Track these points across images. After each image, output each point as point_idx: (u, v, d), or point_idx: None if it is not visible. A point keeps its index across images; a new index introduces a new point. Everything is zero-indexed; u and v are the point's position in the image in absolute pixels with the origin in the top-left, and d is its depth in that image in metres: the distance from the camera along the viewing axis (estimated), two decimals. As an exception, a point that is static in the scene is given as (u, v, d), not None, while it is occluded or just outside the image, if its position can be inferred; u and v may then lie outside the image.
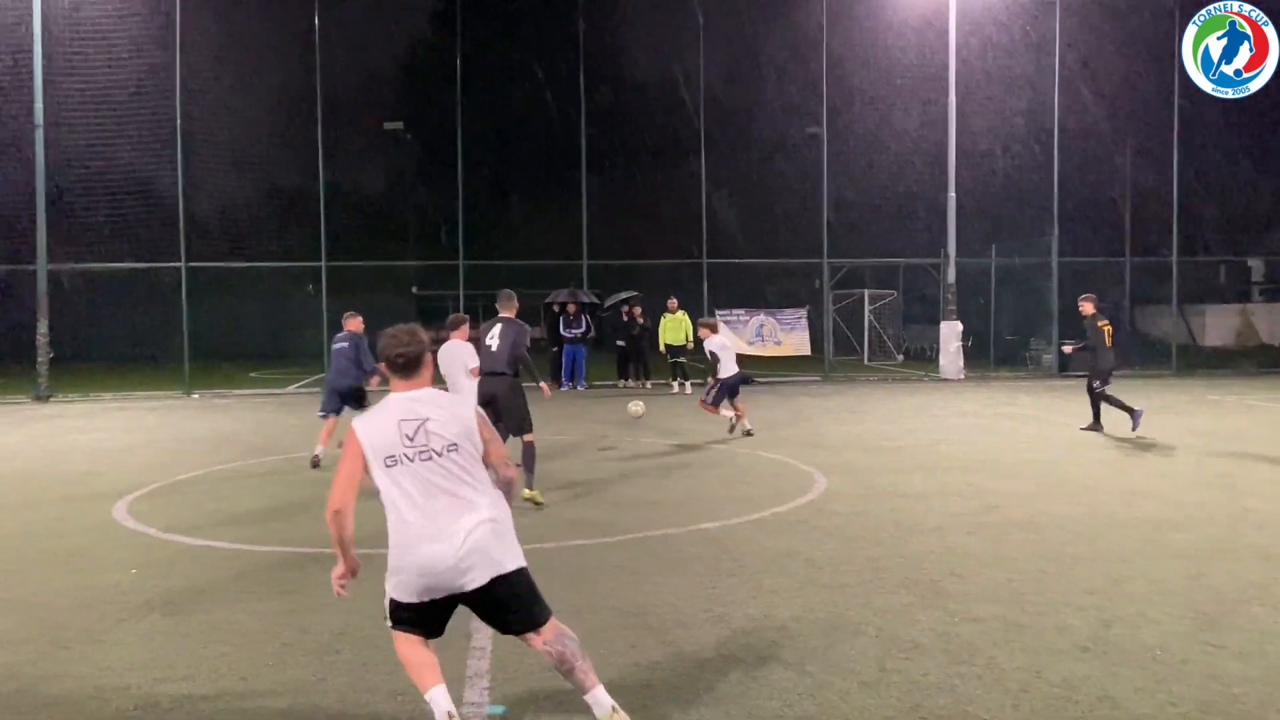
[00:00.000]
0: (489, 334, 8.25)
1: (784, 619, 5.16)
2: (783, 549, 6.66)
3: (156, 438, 13.32)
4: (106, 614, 5.42)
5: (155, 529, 7.57)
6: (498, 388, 8.11)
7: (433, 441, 3.67)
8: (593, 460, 10.88)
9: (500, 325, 8.27)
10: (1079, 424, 12.92)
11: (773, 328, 23.42)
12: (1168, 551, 6.57)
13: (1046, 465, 10.26)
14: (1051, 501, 8.29)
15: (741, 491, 8.86)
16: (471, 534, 3.63)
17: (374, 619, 5.21)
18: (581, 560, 6.44)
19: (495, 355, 8.15)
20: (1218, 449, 11.35)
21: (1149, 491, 8.70)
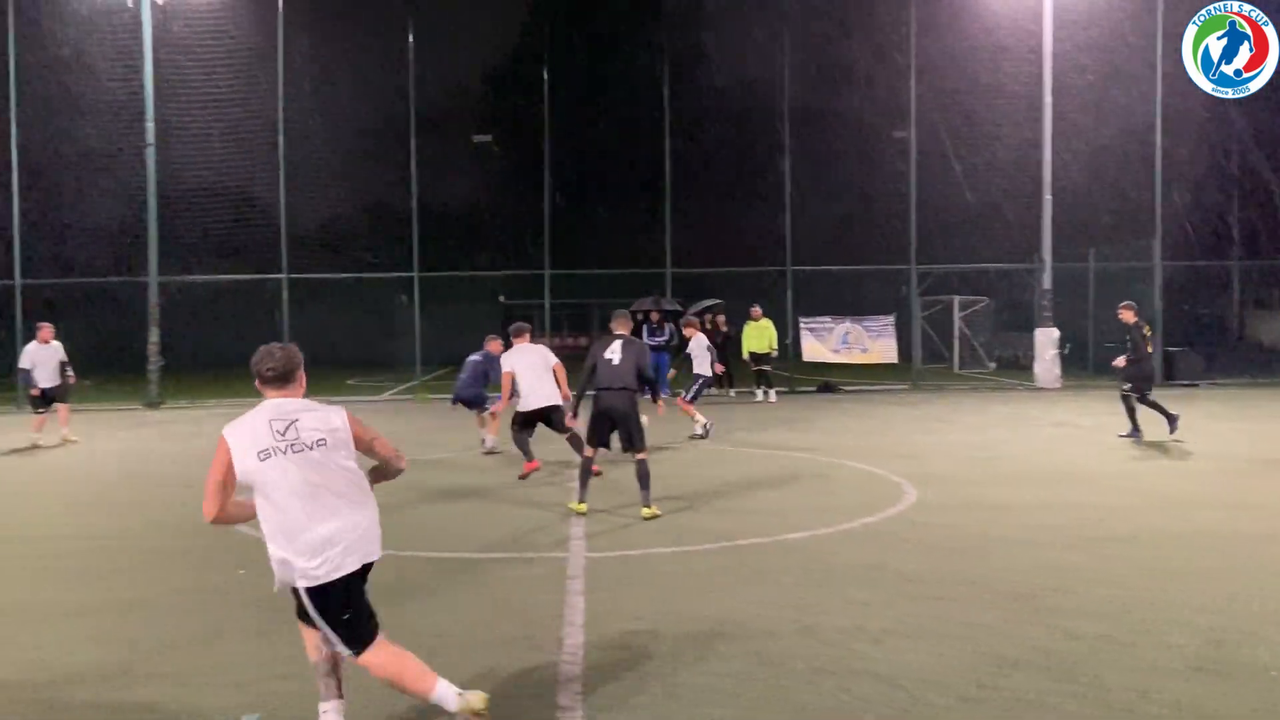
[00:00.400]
0: (607, 350, 8.40)
1: (876, 632, 5.11)
2: (872, 560, 6.58)
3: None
4: (216, 614, 5.66)
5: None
6: (619, 402, 8.24)
7: (304, 436, 3.93)
8: (675, 468, 10.90)
9: (620, 342, 8.43)
10: (1183, 434, 12.42)
11: (859, 335, 23.09)
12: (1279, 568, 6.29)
13: (1148, 477, 9.91)
14: (1154, 515, 8.00)
15: (828, 501, 8.78)
16: (352, 518, 4.01)
17: (471, 622, 5.35)
18: (666, 568, 6.47)
19: (617, 371, 8.26)
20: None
21: (1257, 505, 8.33)
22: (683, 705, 4.20)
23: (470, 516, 8.42)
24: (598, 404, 8.34)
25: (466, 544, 7.27)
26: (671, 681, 4.46)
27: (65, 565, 6.92)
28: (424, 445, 13.43)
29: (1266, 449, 11.54)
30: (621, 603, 5.68)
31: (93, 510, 9.05)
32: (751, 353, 19.61)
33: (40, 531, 8.15)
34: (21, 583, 6.46)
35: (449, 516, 8.42)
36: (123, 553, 7.28)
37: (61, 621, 5.55)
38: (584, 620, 5.35)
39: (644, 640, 5.02)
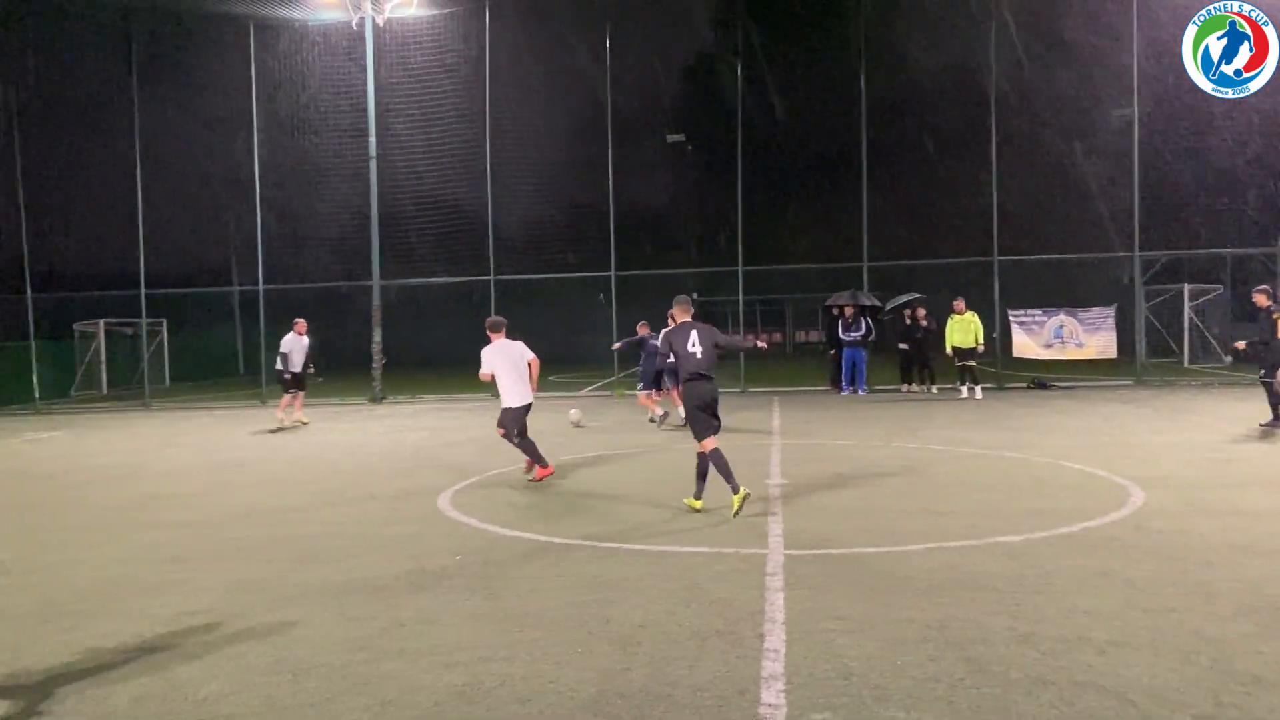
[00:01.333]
0: (687, 341, 8.38)
1: (1101, 643, 4.80)
2: (1095, 567, 6.18)
3: (473, 435, 14.57)
4: (436, 596, 6.02)
5: (475, 519, 8.29)
6: (712, 391, 8.36)
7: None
8: (874, 465, 10.64)
9: (695, 331, 8.42)
10: None
11: (1074, 328, 21.70)
12: None
13: None
14: None
15: (1043, 504, 8.31)
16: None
17: (672, 614, 5.44)
18: (873, 569, 6.32)
19: (703, 360, 8.33)
20: None
21: None
22: (891, 709, 4.10)
23: (667, 511, 8.54)
24: (692, 397, 8.35)
25: (666, 537, 7.39)
26: (878, 684, 4.36)
27: (306, 548, 7.54)
28: (625, 439, 13.76)
29: None
30: (823, 601, 5.61)
31: (325, 498, 9.82)
32: (955, 348, 18.88)
33: (282, 518, 8.93)
34: (270, 562, 7.10)
35: (647, 510, 8.57)
36: (354, 537, 7.86)
37: (306, 599, 6.06)
38: (785, 617, 5.32)
39: (848, 641, 4.94)
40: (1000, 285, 21.32)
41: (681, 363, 8.41)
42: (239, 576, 6.65)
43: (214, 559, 7.24)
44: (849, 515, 8.09)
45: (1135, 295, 21.84)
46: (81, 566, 7.14)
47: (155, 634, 5.42)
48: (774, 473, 10.32)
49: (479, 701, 4.32)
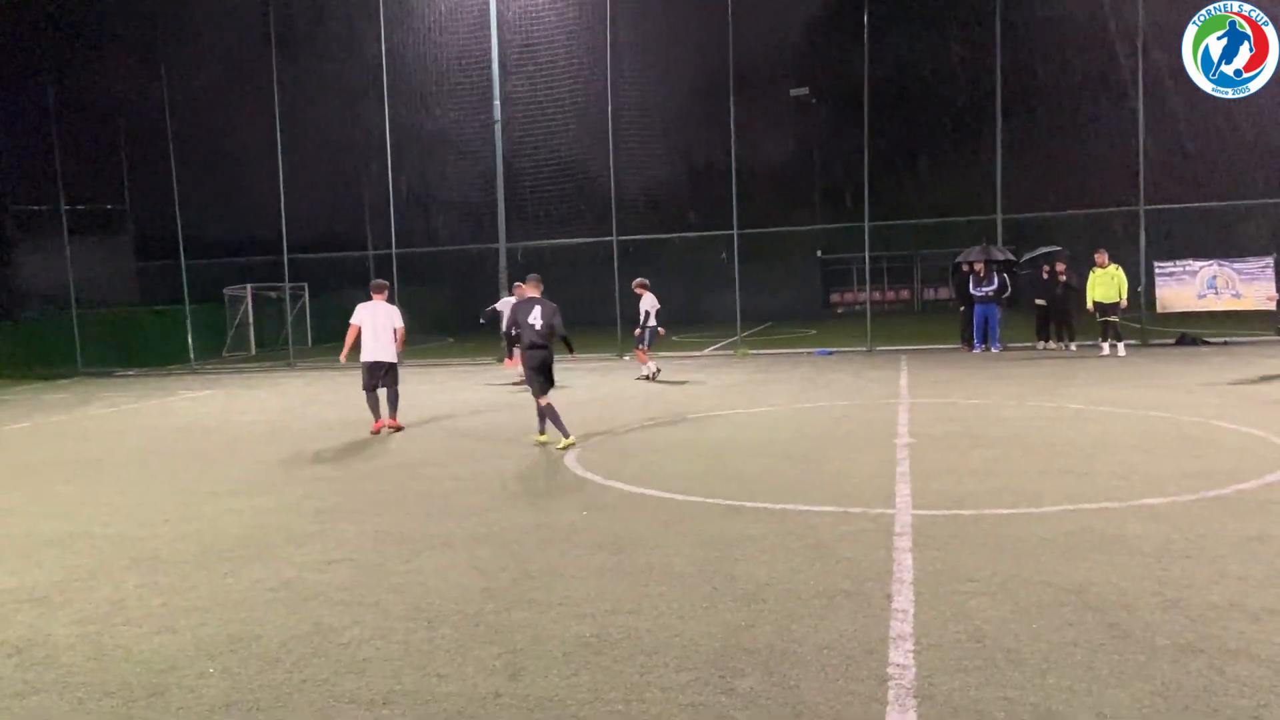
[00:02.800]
0: (529, 314, 10.09)
1: (1256, 609, 4.53)
2: (1250, 532, 5.83)
3: (598, 395, 14.79)
4: (565, 550, 6.15)
5: (600, 476, 8.43)
6: (545, 357, 10.12)
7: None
8: (1008, 425, 10.27)
9: (539, 307, 10.13)
10: None
11: (1229, 278, 20.34)
12: None
13: None
14: None
15: (1193, 465, 7.88)
16: None
17: (798, 572, 5.41)
18: (1006, 530, 6.13)
19: (540, 331, 10.06)
20: None
21: None
22: (1026, 673, 3.98)
23: (794, 469, 8.47)
24: (530, 361, 10.11)
25: (791, 496, 7.34)
26: (1012, 648, 4.24)
27: (448, 502, 7.82)
28: (748, 398, 13.71)
29: None
30: (954, 562, 5.47)
31: (457, 455, 10.14)
32: (1097, 302, 18.00)
33: (419, 472, 9.28)
34: (408, 515, 7.40)
35: (772, 469, 8.53)
36: (485, 492, 8.11)
37: (439, 550, 6.29)
38: (913, 578, 5.22)
39: (980, 603, 4.81)
40: (1146, 236, 20.15)
41: (523, 332, 10.10)
42: (378, 528, 6.95)
43: (355, 511, 7.58)
44: (981, 476, 7.85)
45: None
46: (236, 516, 7.60)
47: (303, 581, 5.73)
48: (902, 432, 10.10)
49: (606, 652, 4.41)
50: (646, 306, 16.80)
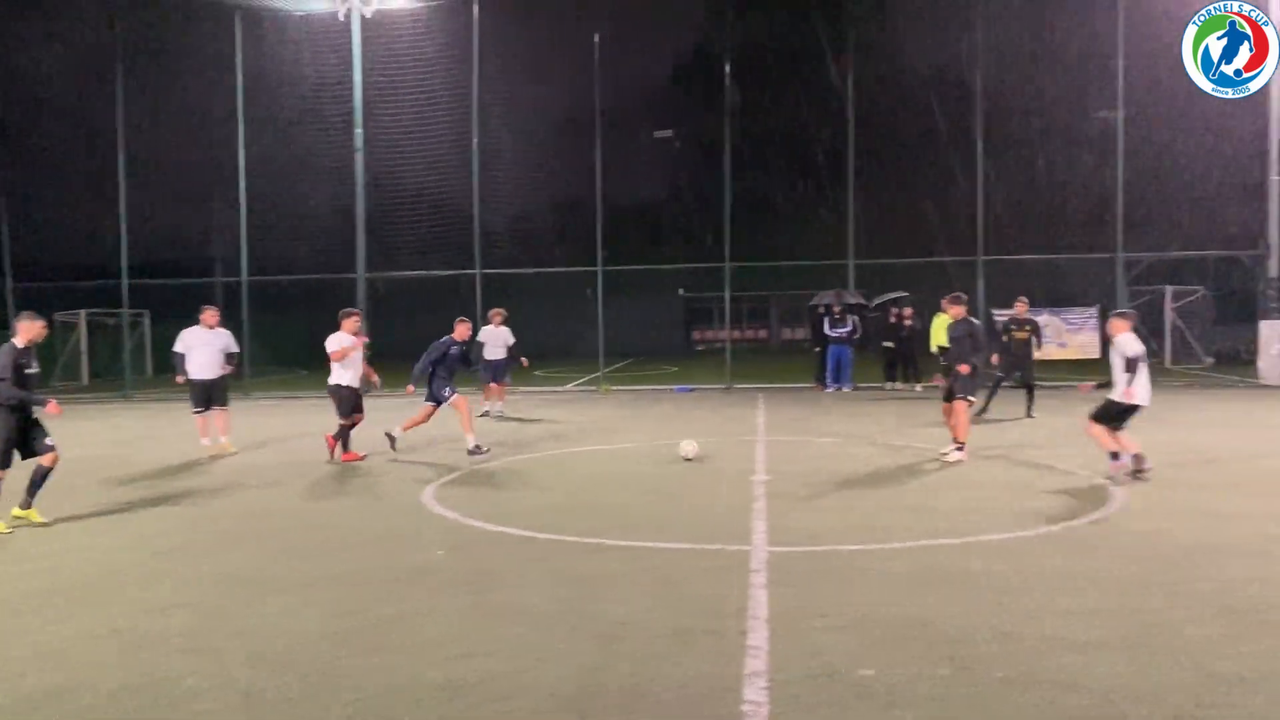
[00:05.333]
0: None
1: (1081, 643, 4.82)
2: (1077, 567, 6.21)
3: (457, 431, 14.51)
4: (419, 591, 5.99)
5: (458, 514, 8.26)
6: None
7: None
8: (859, 463, 10.66)
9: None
10: None
11: (1057, 328, 21.86)
12: None
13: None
14: None
15: (1027, 503, 8.35)
16: None
17: (656, 610, 5.43)
18: (858, 565, 6.33)
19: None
20: None
21: None
22: (873, 707, 4.10)
23: (653, 506, 8.53)
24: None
25: (650, 533, 7.38)
26: (860, 682, 4.37)
27: (294, 541, 7.50)
28: (610, 434, 13.75)
29: None
30: (807, 598, 5.61)
31: (310, 493, 9.76)
32: (941, 346, 18.90)
33: (267, 512, 8.87)
34: (255, 556, 7.05)
35: (632, 506, 8.57)
36: (337, 531, 7.82)
37: (291, 591, 6.02)
38: (768, 614, 5.32)
39: (832, 638, 4.94)
40: (985, 285, 21.40)
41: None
42: (221, 570, 6.60)
43: (196, 553, 7.18)
44: (834, 512, 8.10)
45: (1118, 296, 21.97)
46: (65, 558, 7.07)
47: (137, 627, 5.37)
48: (759, 469, 10.33)
49: (460, 698, 4.30)
50: (486, 338, 16.40)
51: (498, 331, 16.56)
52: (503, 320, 16.58)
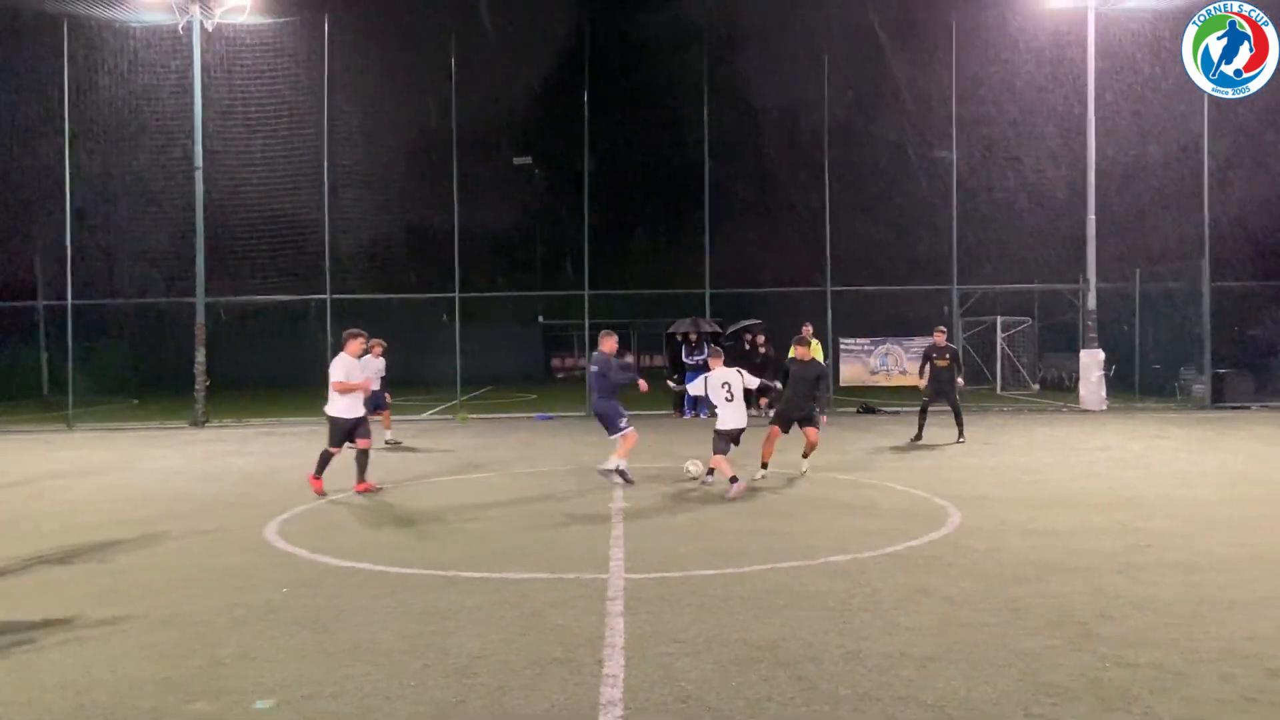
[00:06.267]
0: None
1: (921, 658, 5.03)
2: (917, 585, 6.49)
3: (305, 462, 13.96)
4: (261, 632, 5.71)
5: (304, 550, 7.93)
6: None
7: None
8: (714, 488, 10.84)
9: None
10: (1235, 458, 12.14)
11: (898, 356, 22.95)
12: (1342, 598, 6.11)
13: (1201, 503, 9.68)
14: (1207, 541, 7.81)
15: (871, 525, 8.68)
16: None
17: (512, 642, 5.35)
18: (711, 590, 6.42)
19: None
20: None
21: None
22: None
23: (510, 536, 8.43)
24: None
25: (506, 563, 7.28)
26: (714, 705, 4.42)
27: (122, 581, 7.02)
28: (467, 463, 13.52)
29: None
30: (662, 624, 5.65)
31: (140, 528, 9.18)
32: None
33: (93, 549, 8.29)
34: (83, 596, 6.57)
35: (488, 537, 8.45)
36: (170, 571, 7.38)
37: (112, 636, 5.62)
38: (624, 642, 5.32)
39: (685, 663, 4.98)
40: (833, 314, 22.23)
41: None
42: (37, 613, 6.11)
43: (11, 593, 6.63)
44: (689, 538, 8.20)
45: (953, 326, 23.22)
46: None
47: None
48: (616, 496, 10.36)
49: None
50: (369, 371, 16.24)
51: (378, 362, 16.28)
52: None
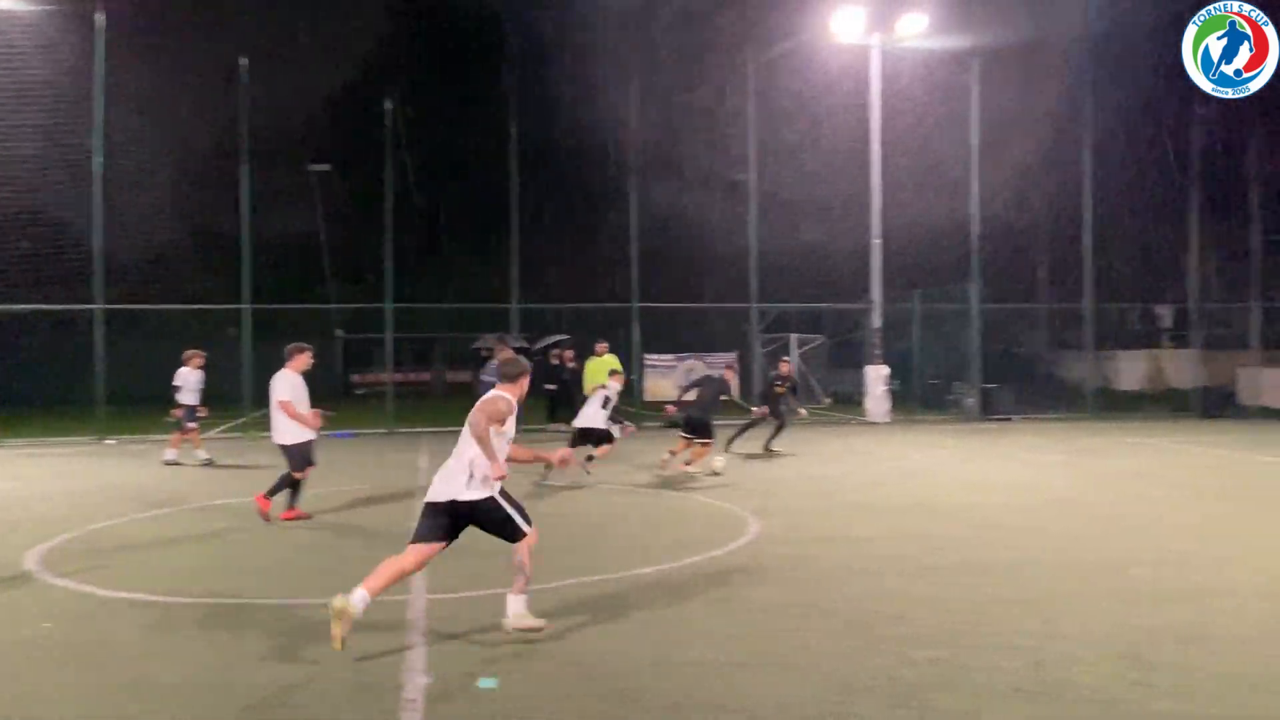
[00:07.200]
0: None
1: (726, 664, 5.14)
2: (722, 593, 6.64)
3: (71, 486, 12.77)
4: (19, 671, 5.15)
5: (71, 581, 7.22)
6: None
7: None
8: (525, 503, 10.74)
9: None
10: (1006, 465, 13.19)
11: (700, 372, 23.52)
12: (1099, 592, 6.73)
13: (981, 508, 10.43)
14: (986, 545, 8.43)
15: (677, 536, 8.84)
16: None
17: (304, 671, 5.07)
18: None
19: None
20: (1141, 491, 11.73)
21: (1080, 535, 8.92)
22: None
23: (303, 561, 8.03)
24: None
25: (298, 589, 6.91)
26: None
27: None
28: (256, 484, 12.75)
29: (1088, 479, 12.41)
30: (467, 645, 5.53)
31: None
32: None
33: None
34: None
35: (281, 562, 8.01)
36: (-95, 610, 6.54)
37: None
38: (425, 665, 5.16)
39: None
40: (639, 331, 22.61)
41: None
42: None
43: None
44: (493, 555, 8.00)
45: (752, 342, 24.17)
46: None
47: None
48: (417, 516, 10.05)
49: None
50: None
51: (196, 374, 15.33)
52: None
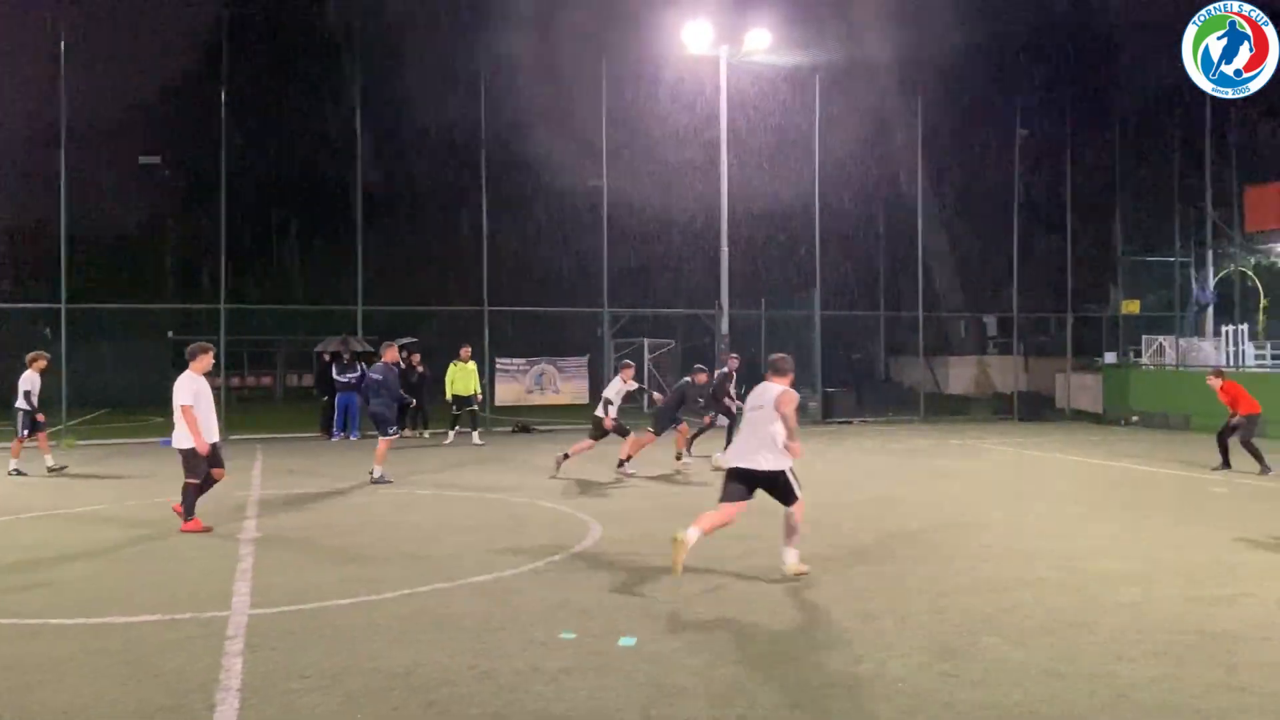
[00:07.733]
0: None
1: (553, 671, 5.12)
2: (556, 599, 6.62)
3: None
4: None
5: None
6: None
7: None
8: (358, 513, 10.45)
9: None
10: (839, 466, 13.66)
11: (553, 376, 23.50)
12: (912, 588, 7.06)
13: (807, 507, 10.76)
14: (813, 543, 8.71)
15: (517, 542, 8.76)
16: None
17: (110, 694, 4.77)
18: (344, 621, 6.13)
19: None
20: (960, 490, 12.39)
21: (898, 532, 9.35)
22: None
23: (117, 575, 7.55)
24: None
25: (109, 606, 6.50)
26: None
27: None
28: (72, 495, 11.94)
29: (916, 478, 13.01)
30: (287, 661, 5.30)
31: None
32: (456, 395, 19.20)
33: None
34: None
35: (91, 577, 7.50)
36: None
37: None
38: (240, 684, 4.93)
39: (309, 699, 4.71)
40: (490, 334, 22.35)
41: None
42: None
43: None
44: (327, 567, 7.79)
45: (604, 347, 24.29)
46: None
47: None
48: (248, 526, 9.64)
49: None
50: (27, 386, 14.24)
51: (37, 378, 14.38)
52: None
